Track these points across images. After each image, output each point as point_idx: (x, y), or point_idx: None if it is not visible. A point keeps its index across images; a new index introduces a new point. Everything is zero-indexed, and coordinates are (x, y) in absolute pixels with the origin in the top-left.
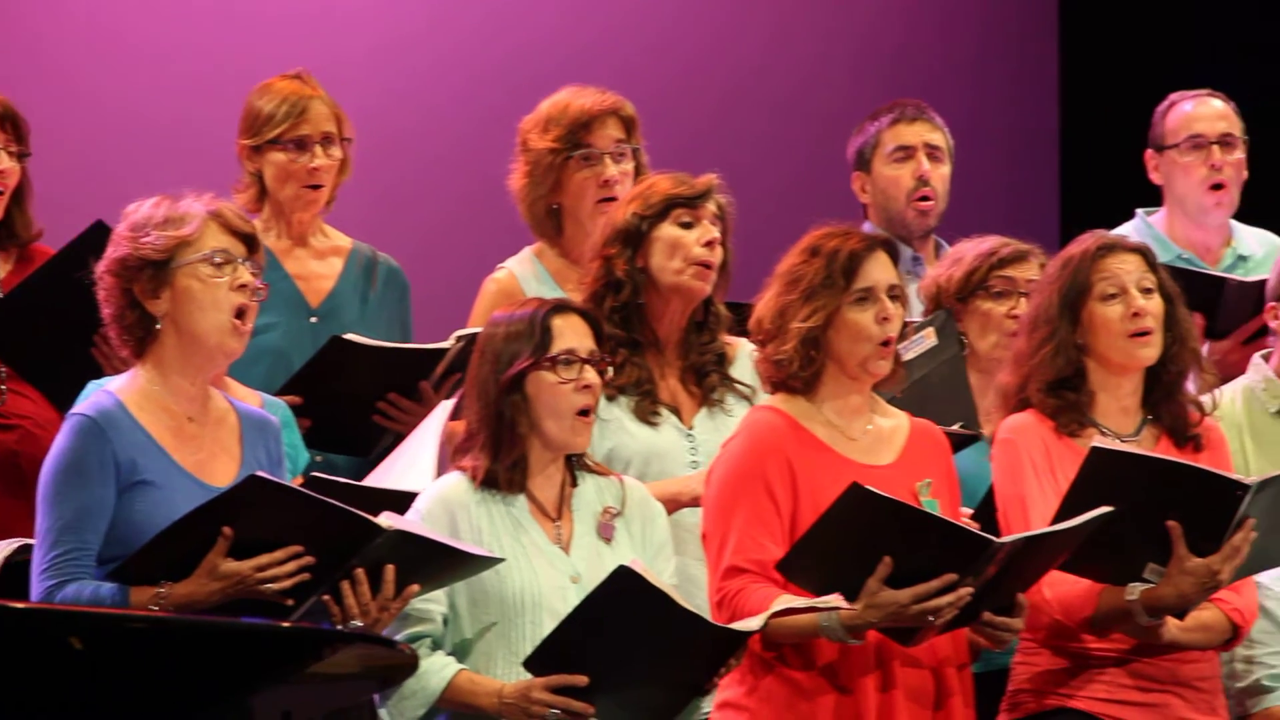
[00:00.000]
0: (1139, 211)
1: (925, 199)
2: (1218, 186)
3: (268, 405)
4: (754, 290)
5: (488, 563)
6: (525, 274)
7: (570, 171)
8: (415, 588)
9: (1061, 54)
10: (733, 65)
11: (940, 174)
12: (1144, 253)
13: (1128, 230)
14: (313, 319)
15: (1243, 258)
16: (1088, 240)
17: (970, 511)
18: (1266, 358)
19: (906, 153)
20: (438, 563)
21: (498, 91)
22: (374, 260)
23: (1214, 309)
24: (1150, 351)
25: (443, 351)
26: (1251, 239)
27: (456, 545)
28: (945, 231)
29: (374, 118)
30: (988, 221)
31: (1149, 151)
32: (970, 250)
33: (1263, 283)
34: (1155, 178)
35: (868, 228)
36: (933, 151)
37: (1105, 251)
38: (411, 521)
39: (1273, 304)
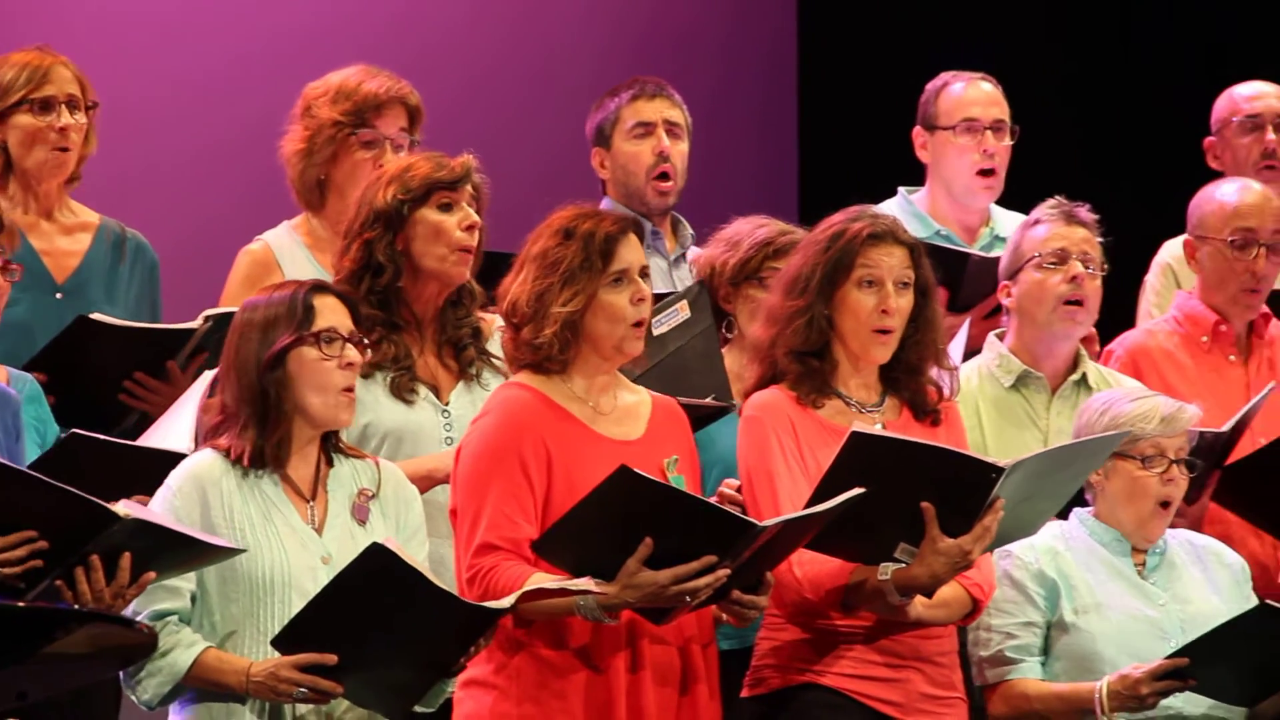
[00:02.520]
0: (901, 190)
1: (665, 176)
2: (988, 172)
3: (14, 379)
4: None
5: (228, 553)
6: (281, 245)
7: (349, 148)
8: (152, 575)
9: (800, 34)
10: (482, 41)
11: (679, 151)
12: (912, 247)
13: (889, 207)
14: (58, 295)
15: (999, 239)
16: (863, 222)
17: (738, 484)
18: (1001, 336)
19: (646, 129)
20: (177, 551)
21: (241, 68)
22: (122, 236)
23: (957, 284)
24: (884, 352)
25: (190, 332)
26: (1009, 222)
27: (196, 535)
28: (693, 210)
29: (124, 94)
30: (731, 199)
31: (918, 129)
32: (746, 236)
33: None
34: (923, 156)
35: (606, 203)
36: (672, 128)
37: (875, 240)
38: (150, 510)
39: (1005, 283)
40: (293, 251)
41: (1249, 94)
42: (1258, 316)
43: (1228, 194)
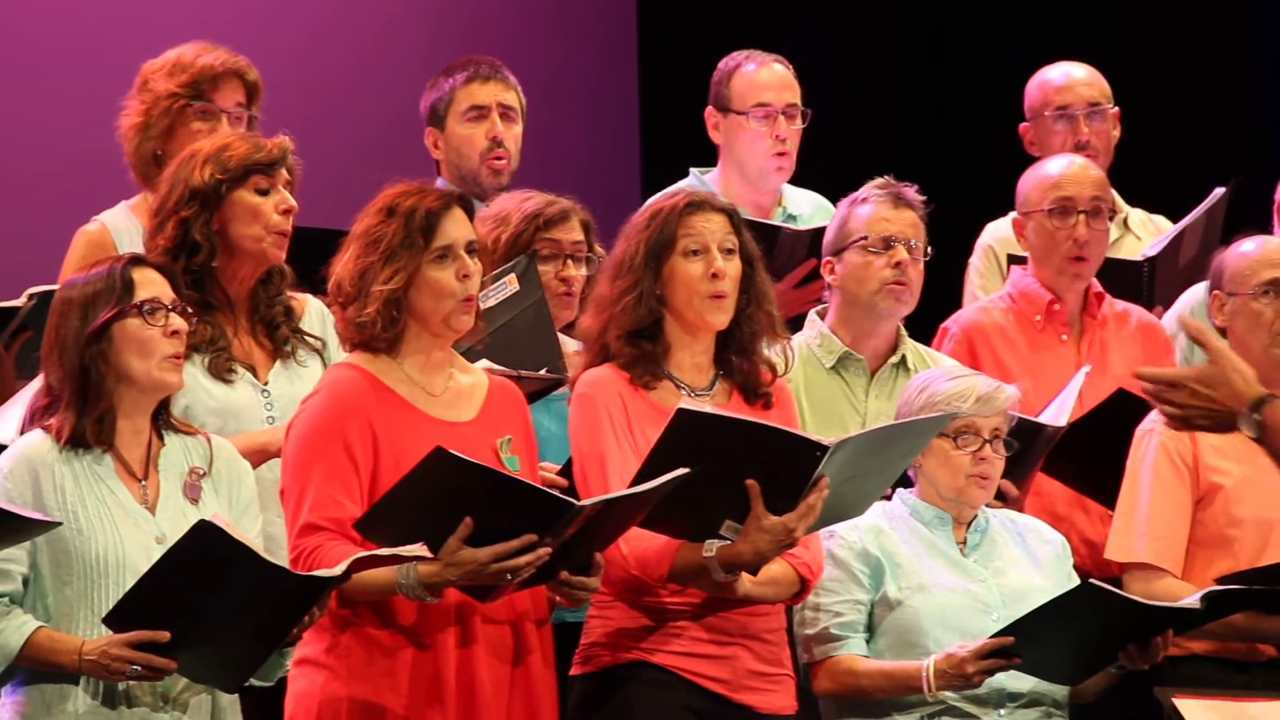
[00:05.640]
0: (693, 170)
1: (499, 159)
2: (781, 154)
3: None
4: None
5: (44, 526)
6: (119, 226)
7: (185, 121)
8: None
9: (640, 12)
10: (310, 16)
11: (513, 134)
12: (730, 213)
13: (682, 188)
14: None
15: (793, 217)
16: (680, 195)
17: (558, 468)
18: (822, 314)
19: (480, 112)
20: None
21: (65, 42)
22: None
23: (768, 257)
24: (722, 317)
25: (14, 310)
26: (800, 199)
27: (7, 508)
28: (535, 187)
29: None
30: (572, 176)
31: (710, 110)
32: (515, 211)
33: (813, 231)
34: (715, 137)
35: (440, 184)
36: (506, 112)
37: (693, 209)
38: None
39: (829, 259)
40: (130, 232)
41: (1059, 83)
42: (1090, 296)
43: (1047, 168)
